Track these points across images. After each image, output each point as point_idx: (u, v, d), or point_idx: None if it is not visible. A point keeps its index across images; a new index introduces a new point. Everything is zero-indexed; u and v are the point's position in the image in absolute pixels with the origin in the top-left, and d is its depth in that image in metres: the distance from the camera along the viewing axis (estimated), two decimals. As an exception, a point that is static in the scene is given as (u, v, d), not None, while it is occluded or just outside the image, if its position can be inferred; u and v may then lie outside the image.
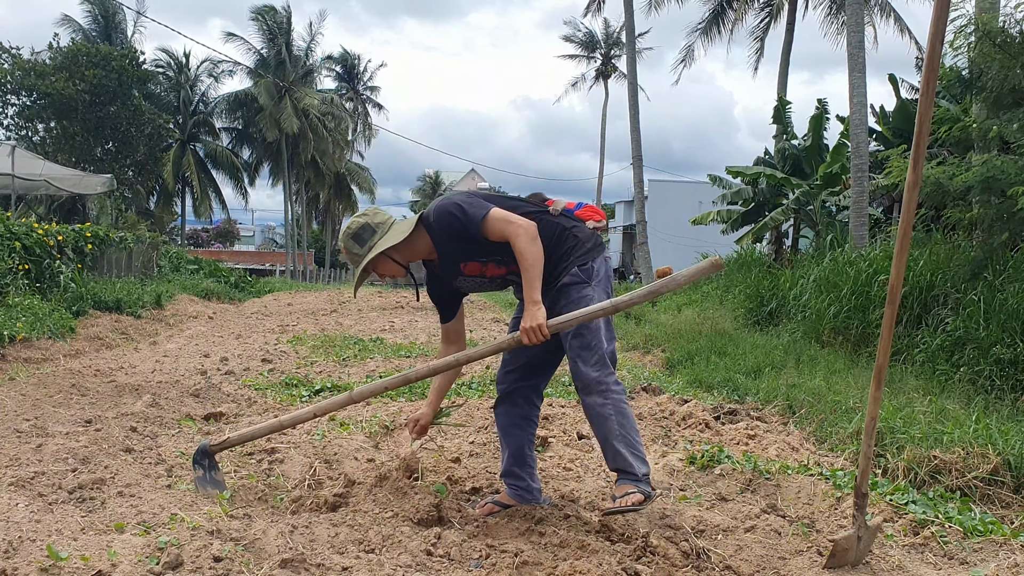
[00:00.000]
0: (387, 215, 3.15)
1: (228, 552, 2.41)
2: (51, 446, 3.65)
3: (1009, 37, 6.32)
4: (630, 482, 2.85)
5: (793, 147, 14.73)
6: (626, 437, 2.89)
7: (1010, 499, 3.51)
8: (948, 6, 2.46)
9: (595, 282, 3.01)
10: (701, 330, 9.13)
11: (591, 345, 2.94)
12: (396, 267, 3.11)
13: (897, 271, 2.66)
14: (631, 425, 2.92)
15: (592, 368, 2.92)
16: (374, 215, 3.14)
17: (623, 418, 2.91)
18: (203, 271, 19.26)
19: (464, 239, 2.96)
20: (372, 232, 3.08)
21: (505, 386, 3.23)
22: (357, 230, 3.08)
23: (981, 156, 7.01)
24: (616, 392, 2.93)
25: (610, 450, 2.92)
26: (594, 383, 2.92)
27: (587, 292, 2.98)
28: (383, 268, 3.12)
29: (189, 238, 48.75)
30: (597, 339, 2.95)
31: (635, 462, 2.88)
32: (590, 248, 3.05)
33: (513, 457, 3.22)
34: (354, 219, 3.15)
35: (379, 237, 3.07)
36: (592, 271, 3.02)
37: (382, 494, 3.11)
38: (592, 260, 3.04)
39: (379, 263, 3.10)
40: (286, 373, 6.67)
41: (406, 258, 3.11)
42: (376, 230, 3.08)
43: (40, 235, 9.93)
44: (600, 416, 2.92)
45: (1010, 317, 5.74)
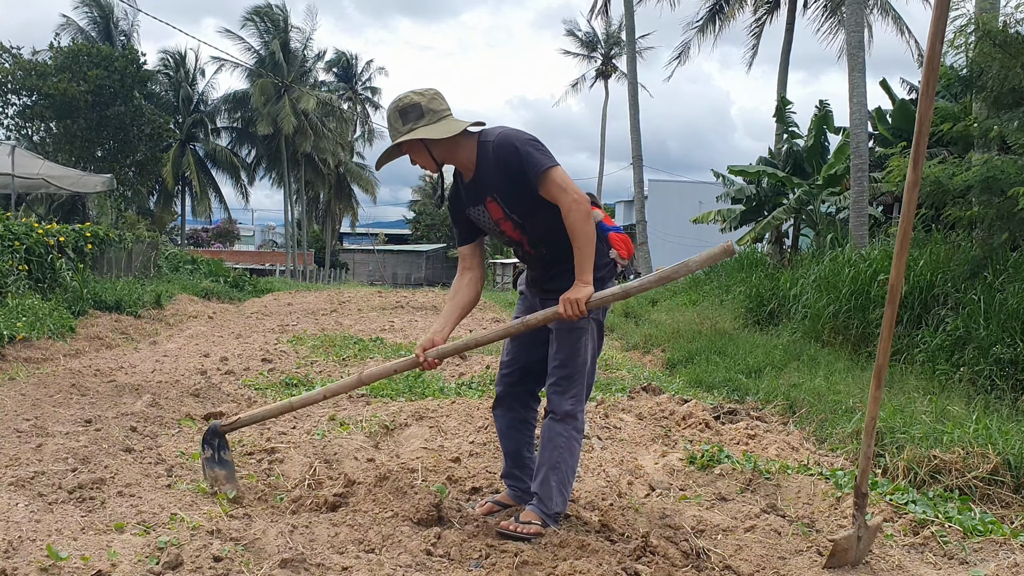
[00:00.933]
0: (444, 104, 2.95)
1: (228, 552, 2.41)
2: (51, 446, 3.66)
3: (1009, 37, 6.31)
4: (539, 512, 2.93)
5: (795, 147, 14.73)
6: (562, 472, 2.95)
7: (1010, 499, 3.51)
8: (948, 6, 2.46)
9: (593, 315, 2.97)
10: (701, 330, 9.13)
11: (573, 378, 2.96)
12: (429, 160, 2.95)
13: (897, 271, 2.66)
14: (572, 464, 2.99)
15: (568, 401, 2.96)
16: (431, 99, 2.93)
17: (570, 455, 2.97)
18: (203, 271, 19.25)
19: (512, 177, 2.82)
20: (420, 115, 2.89)
21: (502, 388, 3.21)
22: (407, 106, 2.89)
23: (981, 156, 7.01)
24: (578, 431, 3.00)
25: (543, 476, 2.96)
26: (566, 415, 2.96)
27: (582, 323, 2.93)
28: (417, 156, 2.96)
29: (189, 238, 48.76)
30: (581, 374, 2.97)
31: (556, 497, 2.94)
32: (598, 277, 2.92)
33: (511, 459, 3.22)
34: (408, 93, 2.95)
35: (425, 123, 2.88)
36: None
37: (382, 494, 3.11)
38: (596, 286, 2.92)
39: (414, 149, 2.93)
40: (286, 373, 6.67)
41: (442, 157, 2.95)
42: (425, 115, 2.89)
43: (40, 235, 9.93)
44: (552, 443, 2.96)
45: (1010, 317, 5.74)
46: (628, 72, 22.35)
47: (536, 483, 2.98)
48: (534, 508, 2.94)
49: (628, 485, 3.67)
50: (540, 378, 3.17)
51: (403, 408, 4.97)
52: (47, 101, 24.23)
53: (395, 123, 2.91)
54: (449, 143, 2.91)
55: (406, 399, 5.48)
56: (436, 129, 2.87)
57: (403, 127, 2.89)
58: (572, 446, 2.97)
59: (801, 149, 14.56)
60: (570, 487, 3.01)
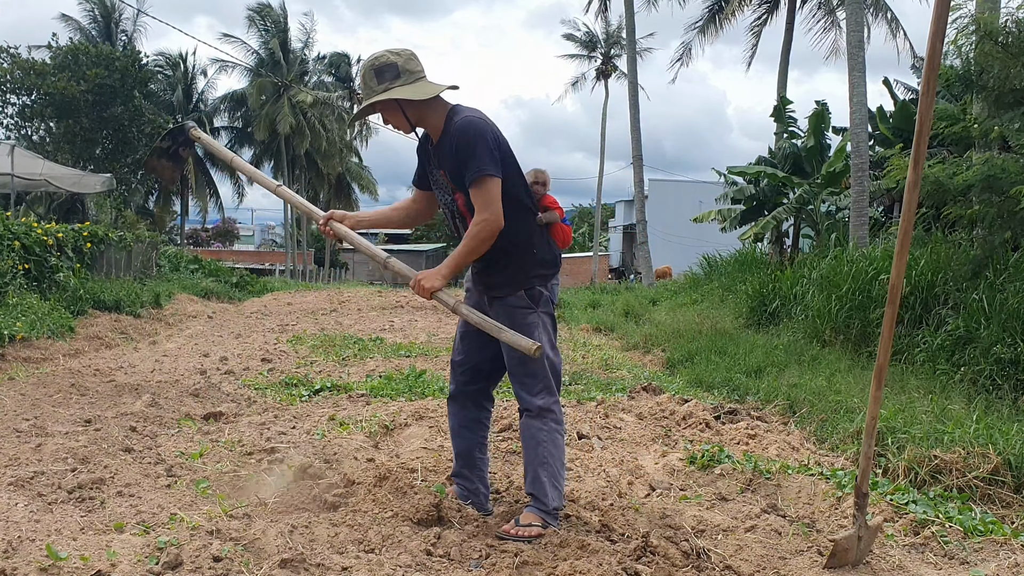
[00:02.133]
0: (420, 65, 2.96)
1: (228, 552, 2.41)
2: (50, 446, 3.65)
3: (1010, 36, 6.31)
4: (538, 512, 2.91)
5: (794, 147, 14.73)
6: (551, 467, 2.93)
7: (1011, 499, 3.51)
8: (948, 6, 2.46)
9: (540, 308, 2.99)
10: (701, 330, 9.12)
11: (536, 373, 2.94)
12: (403, 121, 2.96)
13: (898, 271, 2.66)
14: (559, 456, 2.97)
15: (538, 397, 2.94)
16: (407, 60, 2.94)
17: (555, 448, 2.94)
18: (203, 271, 19.24)
19: (460, 163, 2.85)
20: (396, 75, 2.89)
21: (454, 387, 3.21)
22: (383, 65, 2.90)
23: (982, 155, 7.01)
24: (556, 421, 2.97)
25: (532, 474, 2.95)
26: (540, 411, 2.94)
27: (532, 319, 2.95)
28: (390, 116, 2.98)
29: (188, 237, 48.73)
30: (542, 367, 2.94)
31: (551, 493, 2.92)
32: (542, 274, 2.99)
33: (462, 459, 3.19)
34: (384, 52, 2.95)
35: (401, 83, 2.88)
36: (538, 297, 2.98)
37: (382, 494, 3.10)
38: (541, 284, 2.99)
39: (388, 109, 2.95)
40: (286, 373, 6.67)
41: (415, 119, 2.96)
42: (401, 75, 2.89)
43: (39, 234, 9.92)
44: (534, 440, 2.94)
45: (1011, 317, 5.73)
46: (628, 72, 22.36)
47: (528, 483, 2.97)
48: (532, 509, 2.93)
49: (628, 485, 3.67)
50: (491, 376, 3.19)
51: (403, 408, 4.96)
52: (46, 100, 24.22)
53: (370, 82, 2.93)
54: (423, 105, 2.92)
55: (406, 399, 5.48)
56: (412, 90, 2.88)
57: (378, 86, 2.89)
58: (555, 439, 2.95)
59: (800, 149, 14.56)
60: (562, 480, 2.99)
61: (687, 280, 16.72)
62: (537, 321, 2.96)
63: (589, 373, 7.03)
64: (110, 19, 33.58)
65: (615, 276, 41.37)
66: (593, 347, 9.31)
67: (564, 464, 3.02)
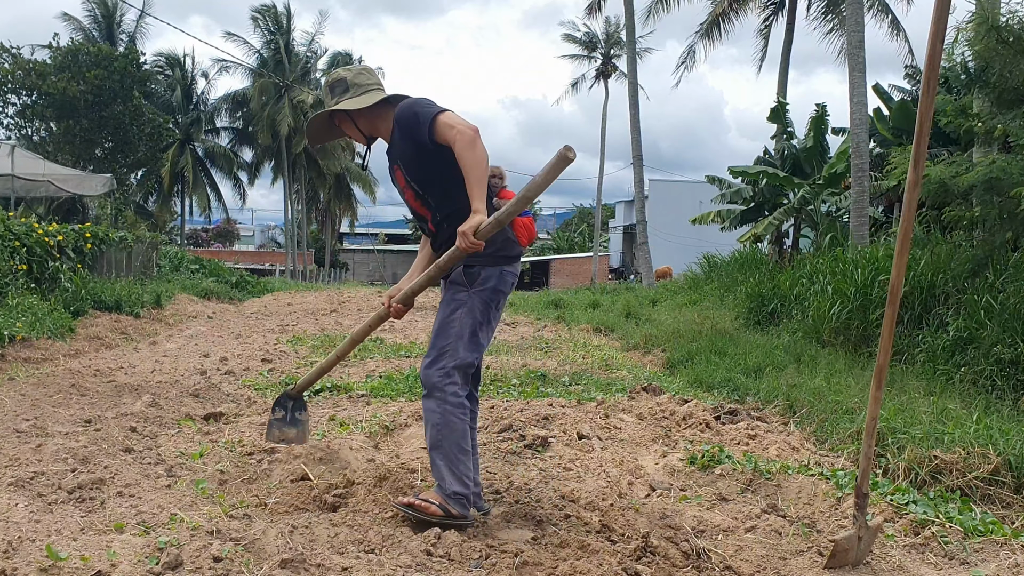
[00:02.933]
0: (371, 79, 3.09)
1: (228, 552, 2.41)
2: (51, 446, 3.65)
3: (1013, 34, 6.31)
4: (439, 494, 2.85)
5: (793, 147, 14.73)
6: (446, 451, 2.86)
7: (1011, 499, 3.51)
8: (948, 6, 2.46)
9: (475, 289, 2.93)
10: (701, 330, 9.12)
11: (445, 350, 2.90)
12: (357, 133, 3.11)
13: (898, 271, 2.66)
14: (454, 441, 2.86)
15: (436, 372, 2.89)
16: (356, 75, 3.10)
17: (449, 431, 2.85)
18: (203, 271, 19.24)
19: (412, 139, 2.87)
20: (345, 89, 3.06)
21: None
22: (334, 82, 3.10)
23: (983, 155, 7.00)
24: (451, 404, 2.86)
25: (431, 458, 2.91)
26: (433, 388, 2.89)
27: (461, 296, 2.92)
28: (346, 128, 3.14)
29: (189, 238, 48.75)
30: (453, 347, 2.89)
31: (448, 477, 2.84)
32: (491, 253, 2.90)
33: None
34: (340, 70, 3.14)
35: (349, 96, 3.05)
36: (478, 277, 2.93)
37: (382, 494, 3.10)
38: (486, 267, 2.93)
39: (344, 123, 3.12)
40: (286, 373, 6.67)
41: (368, 130, 3.09)
42: (350, 89, 3.06)
43: (40, 235, 9.93)
44: (430, 423, 2.89)
45: (1011, 317, 5.73)
46: (628, 72, 22.37)
47: (431, 468, 2.92)
48: (436, 490, 2.88)
49: (628, 485, 3.67)
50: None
51: (403, 408, 4.96)
52: (46, 101, 24.22)
53: (326, 98, 3.09)
54: (371, 115, 3.04)
55: (406, 399, 5.48)
56: (355, 101, 3.02)
57: (331, 101, 3.07)
58: (449, 421, 2.85)
59: (799, 150, 14.56)
60: (461, 463, 2.86)
61: (687, 280, 16.71)
62: (466, 299, 2.92)
63: (589, 373, 7.03)
64: (111, 19, 33.60)
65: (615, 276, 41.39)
66: (593, 347, 9.31)
67: (461, 448, 2.88)
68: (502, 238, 2.97)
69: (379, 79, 3.13)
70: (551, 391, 5.98)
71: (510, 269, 3.01)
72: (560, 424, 4.69)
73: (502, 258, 2.97)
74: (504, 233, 2.99)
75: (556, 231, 61.39)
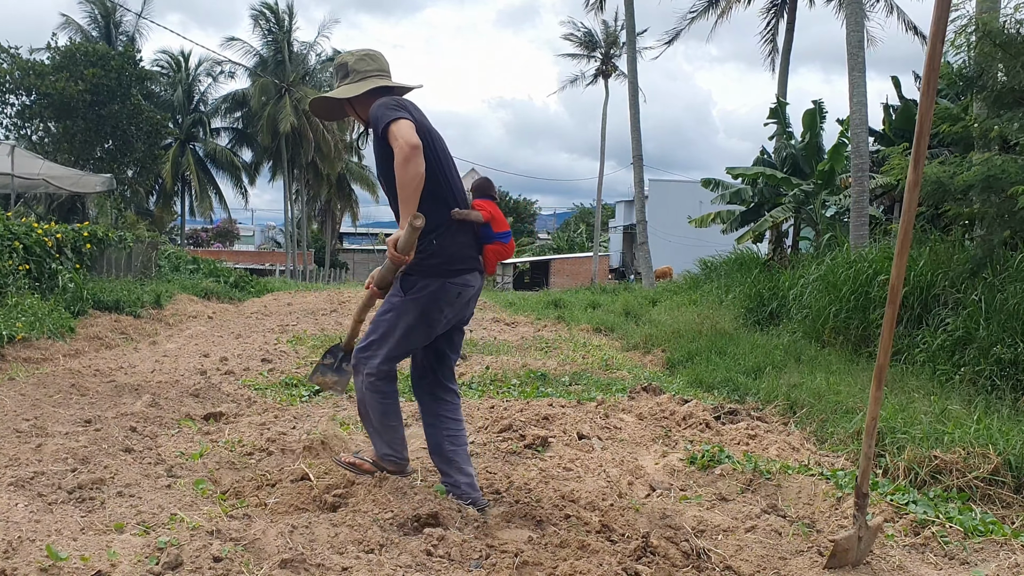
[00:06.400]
0: (371, 65, 3.12)
1: (228, 552, 2.41)
2: (51, 446, 3.65)
3: (1010, 37, 6.31)
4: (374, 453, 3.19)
5: (792, 147, 14.74)
6: (373, 422, 3.13)
7: (1011, 499, 3.51)
8: (949, 6, 2.46)
9: (409, 296, 3.00)
10: (701, 330, 9.12)
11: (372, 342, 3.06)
12: (356, 116, 3.19)
13: (898, 271, 2.66)
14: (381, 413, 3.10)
15: (361, 357, 3.07)
16: (359, 59, 3.14)
17: (368, 408, 3.11)
18: (203, 271, 19.24)
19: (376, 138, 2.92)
20: (346, 74, 3.12)
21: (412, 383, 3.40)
22: (337, 65, 3.18)
23: (982, 155, 7.01)
24: (369, 388, 3.06)
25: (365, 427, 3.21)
26: (357, 370, 3.10)
27: (395, 300, 3.04)
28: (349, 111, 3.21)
29: (189, 238, 48.75)
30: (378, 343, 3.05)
31: (377, 442, 3.15)
32: (436, 264, 2.97)
33: (435, 453, 3.29)
34: (345, 53, 3.22)
35: (348, 82, 3.11)
36: (413, 285, 3.00)
37: (382, 494, 3.10)
38: (424, 277, 2.98)
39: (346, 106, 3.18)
40: (286, 373, 6.67)
41: (364, 115, 3.11)
42: (350, 74, 3.12)
43: (39, 235, 9.92)
44: (358, 398, 3.15)
45: (1011, 317, 5.73)
46: (628, 72, 22.36)
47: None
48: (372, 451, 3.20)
49: (628, 485, 3.67)
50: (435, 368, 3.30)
51: (403, 408, 4.95)
52: (45, 101, 24.20)
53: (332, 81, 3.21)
54: (365, 102, 3.08)
55: (406, 399, 5.47)
56: (347, 89, 3.09)
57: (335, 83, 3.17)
58: (369, 399, 3.08)
59: (798, 149, 14.56)
60: (387, 433, 3.13)
61: (687, 280, 16.72)
62: (398, 304, 3.02)
63: (589, 373, 7.03)
64: (110, 19, 33.59)
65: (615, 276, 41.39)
66: (593, 347, 9.31)
67: (385, 423, 3.12)
68: (449, 252, 3.01)
69: (383, 64, 3.15)
70: (551, 391, 5.98)
71: (456, 281, 3.04)
72: (560, 424, 4.69)
73: (445, 271, 3.01)
74: (454, 247, 3.02)
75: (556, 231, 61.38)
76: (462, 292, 3.07)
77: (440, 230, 2.98)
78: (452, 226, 3.03)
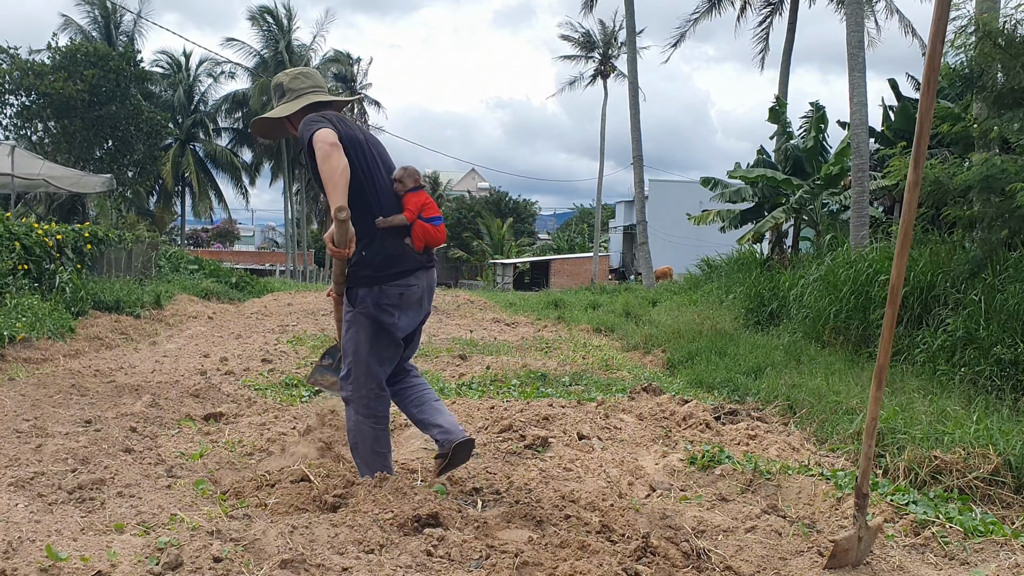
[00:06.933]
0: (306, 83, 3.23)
1: (228, 552, 2.41)
2: (51, 446, 3.65)
3: (1010, 37, 6.31)
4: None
5: (794, 148, 14.72)
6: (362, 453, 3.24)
7: (1011, 499, 3.51)
8: (948, 6, 2.46)
9: (358, 309, 3.13)
10: (701, 330, 9.12)
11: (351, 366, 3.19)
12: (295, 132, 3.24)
13: (898, 271, 2.66)
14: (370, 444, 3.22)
15: (348, 386, 3.21)
16: (293, 78, 3.26)
17: (361, 437, 3.22)
18: (203, 271, 19.24)
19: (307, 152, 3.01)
20: (282, 94, 3.25)
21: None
22: (275, 85, 3.29)
23: (982, 155, 7.00)
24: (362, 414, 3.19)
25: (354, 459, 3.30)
26: (347, 400, 3.24)
27: (349, 317, 3.18)
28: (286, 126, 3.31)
29: (189, 238, 48.75)
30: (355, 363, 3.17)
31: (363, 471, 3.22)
32: (366, 275, 3.10)
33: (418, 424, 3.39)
34: (280, 74, 3.32)
35: (285, 101, 3.22)
36: (356, 297, 3.13)
37: (382, 494, 3.10)
38: (361, 285, 3.11)
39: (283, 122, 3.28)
40: (286, 373, 6.67)
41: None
42: (286, 93, 3.23)
43: (39, 235, 9.92)
44: (348, 429, 3.27)
45: (1011, 317, 5.73)
46: (628, 72, 22.37)
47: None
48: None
49: (629, 486, 3.67)
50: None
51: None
52: (44, 101, 24.19)
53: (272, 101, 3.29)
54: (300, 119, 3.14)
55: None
56: (281, 108, 3.22)
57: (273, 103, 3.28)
58: (360, 428, 3.21)
59: (799, 150, 14.55)
60: (376, 463, 3.22)
61: (687, 281, 16.72)
62: (352, 319, 3.15)
63: (589, 374, 7.03)
64: (110, 20, 33.59)
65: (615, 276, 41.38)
66: (593, 347, 9.31)
67: (376, 450, 3.24)
68: (379, 259, 3.10)
69: (318, 80, 3.28)
70: (551, 391, 5.98)
71: (394, 283, 3.13)
72: (560, 424, 4.69)
73: (379, 277, 3.11)
74: (383, 253, 3.10)
75: (556, 231, 61.37)
76: (404, 293, 3.16)
77: (365, 240, 3.08)
78: (378, 235, 3.11)
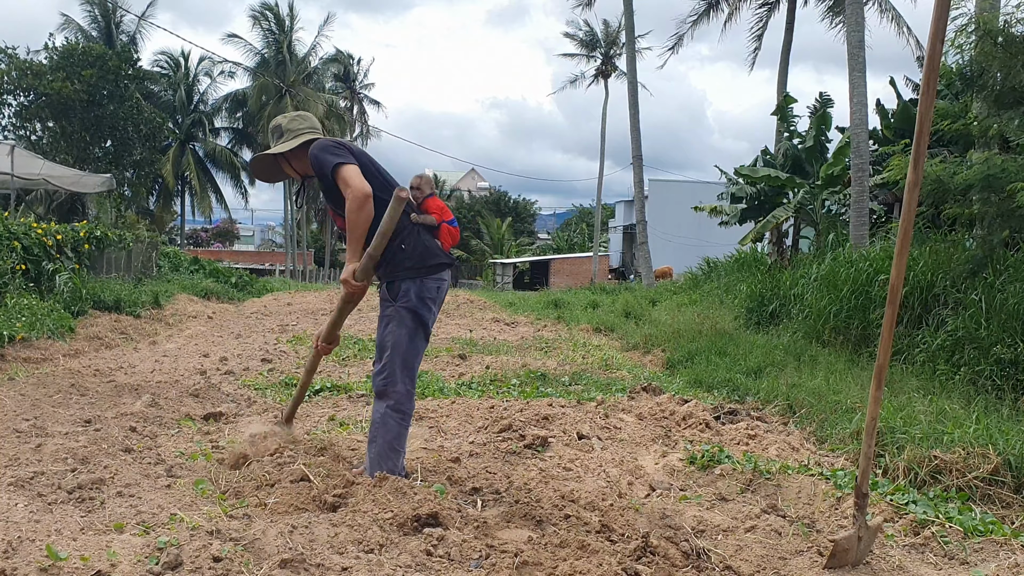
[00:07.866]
0: (304, 124, 3.42)
1: (228, 552, 2.41)
2: (50, 446, 3.65)
3: (1010, 36, 6.31)
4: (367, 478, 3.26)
5: (795, 147, 14.71)
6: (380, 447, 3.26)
7: (1011, 499, 3.51)
8: (948, 6, 2.46)
9: (402, 303, 3.20)
10: (701, 330, 9.12)
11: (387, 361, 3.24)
12: (292, 171, 3.50)
13: (898, 271, 2.66)
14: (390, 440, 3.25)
15: (380, 380, 3.26)
16: (291, 120, 3.45)
17: (385, 430, 3.25)
18: (204, 271, 19.23)
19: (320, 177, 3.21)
20: (280, 135, 3.45)
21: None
22: (272, 128, 3.47)
23: (982, 154, 7.01)
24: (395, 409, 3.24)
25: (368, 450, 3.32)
26: (379, 394, 3.28)
27: (389, 312, 3.26)
28: (284, 166, 3.50)
29: (189, 238, 48.75)
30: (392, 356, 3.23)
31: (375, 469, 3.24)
32: (409, 267, 3.23)
33: None
34: (278, 117, 3.51)
35: (283, 141, 3.39)
36: (399, 292, 3.23)
37: (382, 494, 3.10)
38: (404, 280, 3.23)
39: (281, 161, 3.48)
40: (286, 373, 6.67)
41: (300, 169, 3.44)
42: (284, 135, 3.41)
43: (39, 235, 9.92)
44: (372, 420, 3.31)
45: (1010, 317, 5.73)
46: (628, 72, 22.36)
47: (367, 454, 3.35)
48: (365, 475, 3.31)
49: (628, 485, 3.67)
50: None
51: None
52: (43, 101, 24.17)
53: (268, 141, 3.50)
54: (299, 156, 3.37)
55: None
56: (282, 145, 3.39)
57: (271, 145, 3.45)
58: (386, 422, 3.25)
59: (801, 149, 14.54)
60: (389, 459, 3.25)
61: (687, 280, 16.71)
62: (393, 313, 3.24)
63: (589, 373, 7.03)
64: (110, 20, 33.58)
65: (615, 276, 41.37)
66: (593, 347, 9.30)
67: (395, 446, 3.27)
68: (419, 251, 3.27)
69: (314, 123, 3.46)
70: (551, 391, 5.98)
71: (432, 277, 3.29)
72: (560, 424, 4.69)
73: (421, 269, 3.25)
74: (422, 246, 3.28)
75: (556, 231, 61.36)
76: (440, 287, 3.33)
77: (403, 234, 3.22)
78: (414, 229, 3.29)
